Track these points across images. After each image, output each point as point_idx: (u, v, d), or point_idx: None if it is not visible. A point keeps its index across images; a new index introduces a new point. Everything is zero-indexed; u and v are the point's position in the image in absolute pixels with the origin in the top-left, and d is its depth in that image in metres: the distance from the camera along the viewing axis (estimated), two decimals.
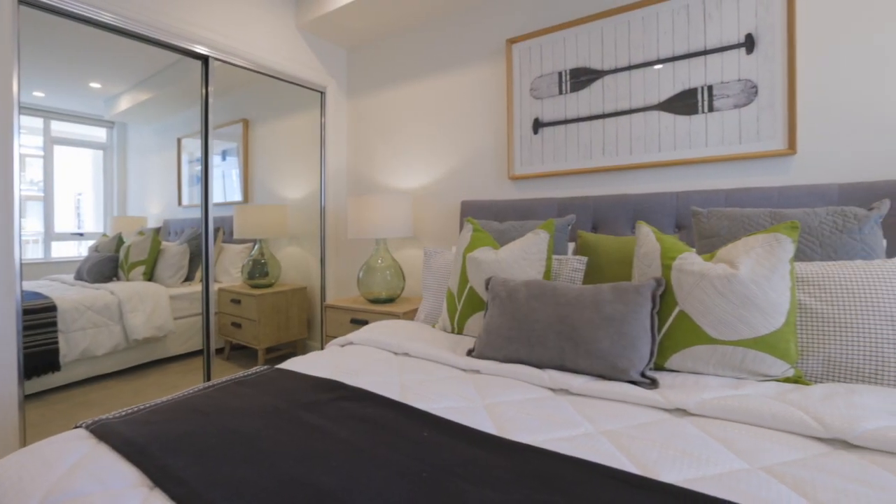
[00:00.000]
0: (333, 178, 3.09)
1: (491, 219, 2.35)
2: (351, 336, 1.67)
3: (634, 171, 2.11)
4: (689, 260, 1.24)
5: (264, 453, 0.88)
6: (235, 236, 2.95)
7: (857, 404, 0.96)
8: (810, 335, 1.19)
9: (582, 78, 2.25)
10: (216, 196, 3.09)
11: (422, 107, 2.79)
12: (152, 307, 2.63)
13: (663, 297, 1.25)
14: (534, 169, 2.36)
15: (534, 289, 1.35)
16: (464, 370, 1.37)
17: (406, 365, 1.41)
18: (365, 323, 2.40)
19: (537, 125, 2.36)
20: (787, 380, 1.14)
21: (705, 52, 1.97)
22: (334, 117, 3.08)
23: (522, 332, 1.29)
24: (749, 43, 1.88)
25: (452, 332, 1.71)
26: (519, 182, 2.41)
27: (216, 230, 3.00)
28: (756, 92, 1.87)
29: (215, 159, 3.13)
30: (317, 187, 3.08)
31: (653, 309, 1.21)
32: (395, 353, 1.54)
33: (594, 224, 2.10)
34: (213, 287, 2.46)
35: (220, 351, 3.06)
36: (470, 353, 1.42)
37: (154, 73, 2.62)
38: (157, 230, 2.85)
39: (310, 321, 3.14)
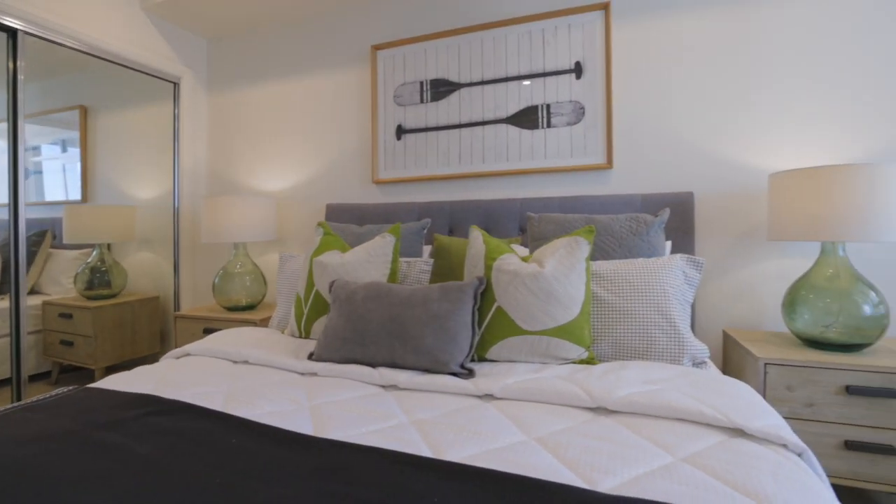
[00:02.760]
0: (190, 177, 2.85)
1: (355, 222, 2.37)
2: (188, 347, 1.56)
3: (487, 179, 2.28)
4: (507, 260, 1.38)
5: (33, 481, 0.79)
6: (66, 240, 2.57)
7: (622, 377, 1.16)
8: (603, 322, 1.40)
9: (441, 89, 2.37)
10: (54, 193, 2.66)
11: (289, 107, 2.71)
12: None
13: (485, 295, 1.38)
14: (397, 174, 2.43)
15: (371, 290, 1.39)
16: (301, 374, 1.36)
17: (242, 373, 1.36)
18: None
19: (400, 131, 2.44)
20: (581, 361, 1.33)
21: (544, 74, 2.21)
22: (191, 112, 2.85)
23: (357, 332, 1.33)
24: (578, 69, 2.15)
25: (300, 336, 1.69)
26: (383, 186, 2.47)
27: (43, 233, 2.59)
28: (584, 113, 2.14)
29: (52, 150, 2.70)
30: (171, 187, 2.82)
31: (474, 305, 1.33)
32: (235, 362, 1.48)
33: (451, 227, 2.22)
34: (27, 301, 2.11)
35: (44, 375, 2.63)
36: (311, 356, 1.42)
37: None
38: None
39: (164, 334, 2.85)
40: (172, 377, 1.33)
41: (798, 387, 1.46)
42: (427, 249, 2.09)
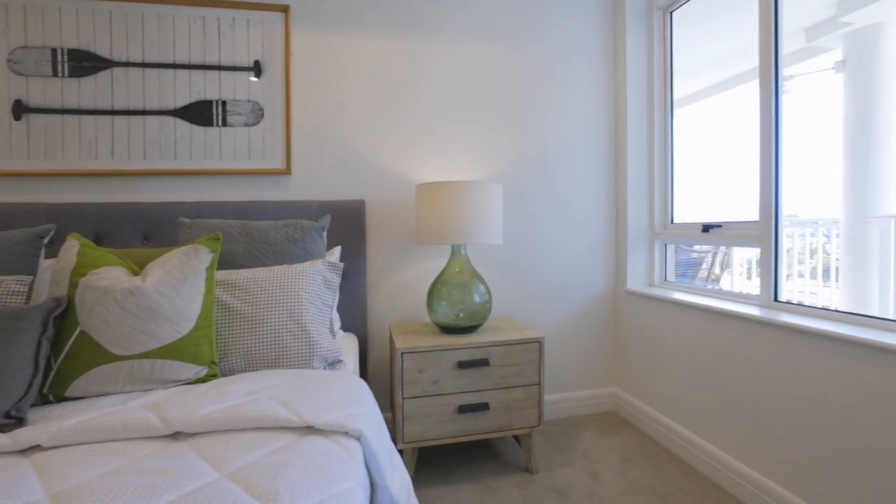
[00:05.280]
0: None
1: None
2: None
3: (149, 178, 1.97)
4: (100, 275, 1.17)
5: None
6: None
7: (227, 392, 1.11)
8: (233, 333, 1.34)
9: (86, 63, 1.93)
10: None
11: None
12: None
13: (64, 319, 1.14)
14: (15, 165, 1.87)
15: None
16: None
17: None
18: None
19: (21, 109, 1.88)
20: (199, 380, 1.23)
21: (220, 68, 2.03)
22: None
23: None
24: (257, 68, 2.06)
25: None
26: None
27: None
28: (263, 114, 2.06)
29: None
30: None
31: (42, 334, 1.07)
32: None
33: (98, 235, 1.83)
34: None
35: None
36: None
37: None
38: None
39: None
40: None
41: (427, 368, 1.71)
42: (50, 264, 1.65)
